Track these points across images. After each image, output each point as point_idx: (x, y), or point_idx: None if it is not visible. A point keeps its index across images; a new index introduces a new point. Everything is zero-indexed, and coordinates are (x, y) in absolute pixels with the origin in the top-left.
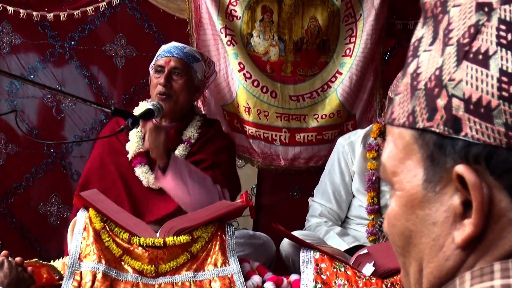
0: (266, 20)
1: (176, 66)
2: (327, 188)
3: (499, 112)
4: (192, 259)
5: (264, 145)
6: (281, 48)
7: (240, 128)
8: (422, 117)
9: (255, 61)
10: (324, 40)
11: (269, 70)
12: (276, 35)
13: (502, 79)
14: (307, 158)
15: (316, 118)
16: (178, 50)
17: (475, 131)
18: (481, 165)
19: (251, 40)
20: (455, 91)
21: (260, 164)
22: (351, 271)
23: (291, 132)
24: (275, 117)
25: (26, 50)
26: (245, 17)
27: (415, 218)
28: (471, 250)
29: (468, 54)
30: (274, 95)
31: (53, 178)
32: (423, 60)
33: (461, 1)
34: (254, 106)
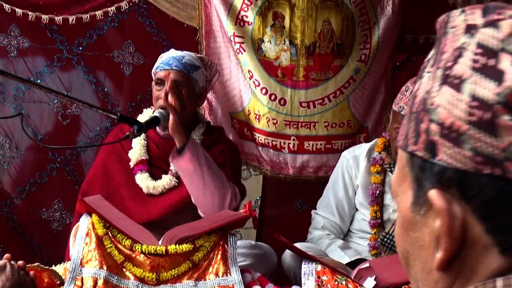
0: (277, 25)
1: (175, 79)
2: (330, 201)
3: (467, 137)
4: (193, 268)
5: (272, 153)
6: (292, 53)
7: (250, 136)
8: (411, 141)
9: (266, 66)
10: (338, 44)
11: (280, 75)
12: (287, 40)
13: (472, 104)
14: (315, 167)
15: (326, 126)
16: (176, 62)
17: (447, 155)
18: (453, 189)
19: (262, 45)
20: (433, 115)
21: (269, 173)
22: (352, 285)
23: (300, 140)
24: (284, 125)
25: (33, 54)
26: (256, 22)
27: (409, 240)
28: (456, 274)
29: (448, 78)
30: (283, 102)
31: (56, 184)
32: (423, 81)
33: (456, 22)
34: (263, 114)
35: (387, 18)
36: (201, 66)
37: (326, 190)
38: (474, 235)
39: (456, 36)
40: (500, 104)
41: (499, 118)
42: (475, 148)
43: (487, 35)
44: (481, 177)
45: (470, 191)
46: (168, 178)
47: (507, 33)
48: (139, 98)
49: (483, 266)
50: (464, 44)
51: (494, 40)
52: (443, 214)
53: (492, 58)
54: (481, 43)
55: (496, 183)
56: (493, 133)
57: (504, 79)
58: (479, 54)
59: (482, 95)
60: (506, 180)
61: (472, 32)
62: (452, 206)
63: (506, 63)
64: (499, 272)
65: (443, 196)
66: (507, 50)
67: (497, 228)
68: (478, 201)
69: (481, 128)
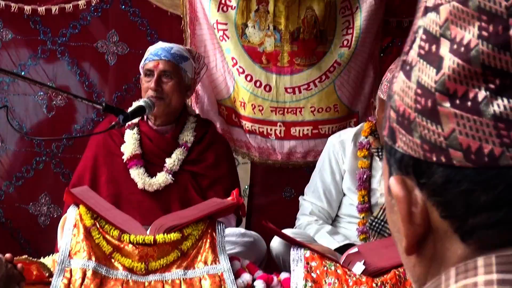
0: (262, 10)
1: (165, 69)
2: (318, 186)
3: (416, 125)
4: (182, 257)
5: (260, 139)
6: (277, 38)
7: (238, 122)
8: (384, 126)
9: (251, 52)
10: (321, 30)
11: (265, 61)
12: (271, 25)
13: (417, 91)
14: (303, 152)
15: (313, 111)
16: (165, 52)
17: (403, 143)
18: (411, 176)
19: (246, 30)
20: (392, 102)
21: (257, 159)
22: (341, 270)
23: (287, 126)
24: (270, 111)
25: (17, 46)
26: (240, 7)
27: (391, 223)
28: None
29: (404, 65)
30: (269, 88)
31: (43, 177)
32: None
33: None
34: (248, 101)
35: (369, 2)
36: (189, 57)
37: (313, 175)
38: (435, 221)
39: (416, 19)
40: (439, 91)
41: (439, 106)
42: (423, 136)
43: (431, 20)
44: (430, 165)
45: (423, 178)
46: (164, 176)
47: (445, 18)
48: (125, 88)
49: (450, 252)
50: (418, 28)
51: (435, 26)
52: (399, 201)
53: (434, 44)
54: (426, 28)
55: (442, 170)
56: (435, 121)
57: (442, 66)
58: (424, 40)
59: (424, 83)
60: (452, 167)
61: (424, 15)
62: (413, 192)
63: (445, 49)
64: (465, 259)
65: (401, 183)
66: (446, 36)
67: (449, 214)
68: (430, 188)
69: (425, 115)
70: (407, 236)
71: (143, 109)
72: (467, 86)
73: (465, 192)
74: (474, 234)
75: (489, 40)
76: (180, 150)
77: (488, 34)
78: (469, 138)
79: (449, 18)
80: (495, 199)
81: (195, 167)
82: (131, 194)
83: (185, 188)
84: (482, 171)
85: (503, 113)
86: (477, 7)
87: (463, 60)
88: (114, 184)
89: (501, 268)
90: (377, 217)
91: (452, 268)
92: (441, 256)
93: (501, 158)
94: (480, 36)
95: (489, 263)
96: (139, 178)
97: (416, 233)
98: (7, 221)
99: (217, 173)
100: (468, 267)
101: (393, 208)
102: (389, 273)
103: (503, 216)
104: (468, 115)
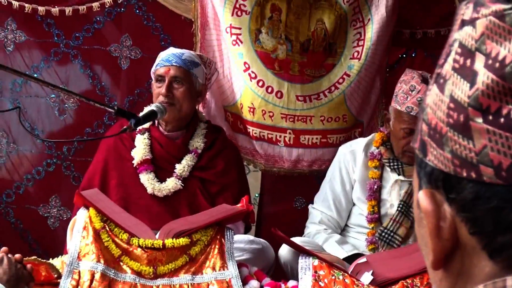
0: (275, 18)
1: (176, 75)
2: (328, 195)
3: (447, 139)
4: (190, 262)
5: (267, 146)
6: (288, 48)
7: (243, 129)
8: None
9: (263, 58)
10: (330, 43)
11: (277, 68)
12: (283, 35)
13: (450, 105)
14: (310, 161)
15: (322, 120)
16: (176, 58)
17: (434, 156)
18: (440, 190)
19: (260, 36)
20: (424, 115)
21: (263, 166)
22: (349, 279)
23: (296, 134)
24: (280, 118)
25: (30, 48)
26: (254, 13)
27: (419, 236)
28: (456, 274)
29: (438, 78)
30: (280, 95)
31: (53, 179)
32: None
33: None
34: (259, 106)
35: (381, 14)
36: (200, 63)
37: (323, 184)
38: (463, 237)
39: (453, 32)
40: (472, 106)
41: (472, 121)
42: (454, 150)
43: (467, 34)
44: (460, 180)
45: (452, 193)
46: (173, 182)
47: (481, 32)
48: (137, 93)
49: (478, 269)
50: (454, 41)
51: (471, 40)
52: (427, 215)
53: (468, 58)
54: (462, 42)
55: (472, 186)
56: (467, 136)
57: (476, 81)
58: (459, 54)
59: (458, 97)
60: (482, 183)
61: (460, 29)
62: (442, 207)
63: (480, 64)
64: (493, 277)
65: (430, 197)
66: (481, 51)
67: (477, 231)
68: (459, 203)
69: (457, 130)
70: (434, 251)
71: (155, 114)
72: (501, 102)
73: (495, 209)
74: (503, 252)
75: None
76: (190, 156)
77: None
78: (501, 154)
79: (485, 32)
80: None
81: (204, 174)
82: (140, 199)
83: (194, 194)
84: None
85: None
86: None
87: (498, 76)
88: (124, 188)
89: None
90: (386, 227)
91: (480, 286)
92: (468, 273)
93: None
94: None
95: None
96: (149, 183)
97: (443, 248)
98: (17, 221)
99: (226, 179)
100: (496, 286)
101: (421, 221)
102: (397, 284)
103: None
104: (500, 131)
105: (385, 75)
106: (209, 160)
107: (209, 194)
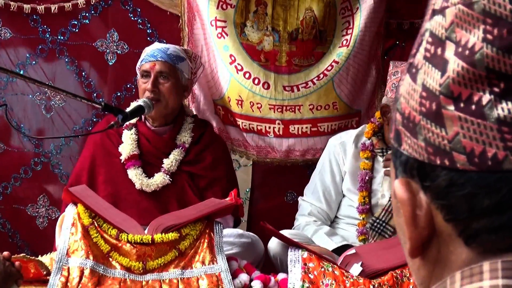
0: (260, 12)
1: (161, 70)
2: (317, 187)
3: (420, 127)
4: (180, 257)
5: (258, 137)
6: (275, 38)
7: (233, 122)
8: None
9: (249, 50)
10: (321, 31)
11: (263, 60)
12: (270, 27)
13: (422, 94)
14: (302, 150)
15: (311, 109)
16: (161, 53)
17: (408, 145)
18: (416, 179)
19: (245, 29)
20: (398, 105)
21: (255, 157)
22: (338, 271)
23: (285, 124)
24: (268, 109)
25: (16, 45)
26: (239, 6)
27: (397, 225)
28: (433, 262)
29: (410, 67)
30: (267, 86)
31: (41, 178)
32: None
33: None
34: (246, 98)
35: (369, 2)
36: (186, 58)
37: (313, 176)
38: (439, 224)
39: (424, 22)
40: (443, 94)
41: (444, 109)
42: (427, 138)
43: (437, 23)
44: (434, 168)
45: (427, 181)
46: (161, 177)
47: (450, 21)
48: (124, 88)
49: (455, 255)
50: (425, 31)
51: (441, 28)
52: (403, 203)
53: (439, 47)
54: (432, 31)
55: (446, 173)
56: (440, 124)
57: (447, 69)
58: (430, 43)
59: (429, 85)
60: (456, 170)
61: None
62: (417, 195)
63: (450, 52)
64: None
65: (406, 186)
66: (451, 39)
67: (452, 217)
68: (434, 191)
69: (430, 119)
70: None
71: (142, 109)
72: (472, 89)
73: (469, 195)
74: (477, 238)
75: (494, 43)
76: (177, 150)
77: (493, 37)
78: (473, 141)
79: (454, 21)
80: (498, 203)
81: (192, 168)
82: (128, 194)
83: (183, 189)
84: (485, 174)
85: (507, 116)
86: (482, 10)
87: (468, 63)
88: (112, 184)
89: (507, 273)
90: (378, 217)
91: (458, 272)
92: (445, 260)
93: (504, 161)
94: (485, 39)
95: (495, 268)
96: (137, 179)
97: (420, 236)
98: (5, 222)
99: (215, 174)
100: (473, 272)
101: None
102: (387, 274)
103: (507, 220)
104: (472, 118)
105: (381, 64)
106: (196, 154)
107: (198, 189)
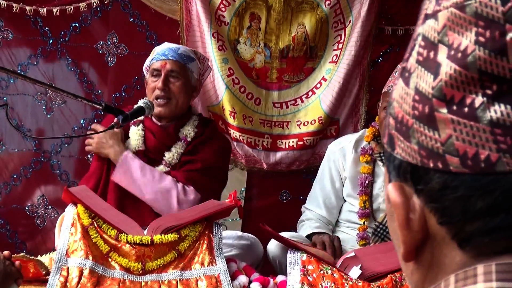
0: (254, 27)
1: (172, 69)
2: (317, 194)
3: (413, 131)
4: (179, 258)
5: (247, 148)
6: (267, 55)
7: (224, 130)
8: (383, 133)
9: (242, 67)
10: (311, 46)
11: (255, 77)
12: (262, 43)
13: (415, 97)
14: (288, 163)
15: (299, 125)
16: (172, 52)
17: (401, 149)
18: (409, 182)
19: (238, 46)
20: (391, 109)
21: (244, 166)
22: (338, 274)
23: (273, 138)
24: (259, 123)
25: (17, 46)
26: (233, 23)
27: (391, 230)
28: (427, 266)
29: (403, 72)
30: (258, 102)
31: (41, 178)
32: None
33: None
34: (240, 111)
35: (360, 14)
36: (195, 58)
37: (314, 183)
38: (432, 228)
39: (417, 26)
40: (436, 97)
41: (436, 112)
42: (420, 142)
43: (429, 27)
44: (427, 171)
45: (420, 184)
46: (162, 169)
47: (443, 24)
48: (123, 89)
49: (448, 259)
50: (418, 35)
51: (433, 32)
52: (396, 207)
53: (432, 50)
54: (425, 35)
55: (439, 176)
56: (433, 127)
57: (440, 72)
58: (422, 47)
59: (422, 89)
60: (449, 173)
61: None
62: (411, 199)
63: (443, 56)
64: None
65: (399, 190)
66: (443, 42)
67: (446, 220)
68: (427, 194)
69: (423, 122)
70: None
71: (143, 110)
72: (464, 92)
73: (462, 198)
74: (471, 241)
75: (486, 45)
76: (179, 144)
77: (485, 40)
78: (466, 144)
79: (447, 24)
80: (491, 205)
81: (189, 157)
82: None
83: None
84: (478, 177)
85: (499, 119)
86: (474, 13)
87: (460, 66)
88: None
89: (501, 276)
90: (381, 223)
91: (452, 275)
92: (439, 263)
93: (497, 164)
94: (477, 42)
95: (489, 271)
96: None
97: (413, 239)
98: (4, 222)
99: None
100: (467, 275)
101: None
102: (386, 278)
103: (500, 223)
104: (465, 121)
105: (366, 72)
106: (196, 146)
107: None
